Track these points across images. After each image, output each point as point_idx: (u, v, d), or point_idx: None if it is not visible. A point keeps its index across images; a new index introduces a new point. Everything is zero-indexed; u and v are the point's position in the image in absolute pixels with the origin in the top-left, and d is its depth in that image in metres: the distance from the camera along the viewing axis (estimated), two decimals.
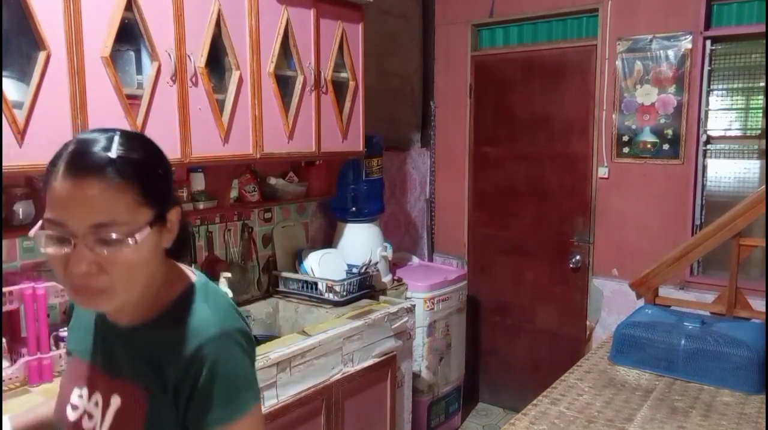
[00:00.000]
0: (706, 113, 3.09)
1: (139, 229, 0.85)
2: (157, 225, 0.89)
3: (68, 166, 0.84)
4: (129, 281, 0.88)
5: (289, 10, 2.51)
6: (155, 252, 0.92)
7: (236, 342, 0.94)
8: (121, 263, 0.85)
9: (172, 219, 0.94)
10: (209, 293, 1.00)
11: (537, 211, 3.65)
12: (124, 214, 0.84)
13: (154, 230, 0.89)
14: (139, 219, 0.86)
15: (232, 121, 2.34)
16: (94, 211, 0.83)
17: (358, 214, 3.19)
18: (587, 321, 3.52)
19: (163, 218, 0.92)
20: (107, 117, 1.93)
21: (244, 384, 0.93)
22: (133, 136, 0.92)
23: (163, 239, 0.93)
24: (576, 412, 2.13)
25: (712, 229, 2.75)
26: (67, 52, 1.82)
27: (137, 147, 0.90)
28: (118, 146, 0.87)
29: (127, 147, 0.87)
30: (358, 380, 2.51)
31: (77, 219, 0.82)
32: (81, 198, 0.82)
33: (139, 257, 0.87)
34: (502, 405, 3.91)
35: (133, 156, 0.87)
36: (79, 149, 0.86)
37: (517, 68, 3.64)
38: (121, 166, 0.85)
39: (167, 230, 0.93)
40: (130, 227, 0.85)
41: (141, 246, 0.86)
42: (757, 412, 2.12)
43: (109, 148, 0.86)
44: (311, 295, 2.85)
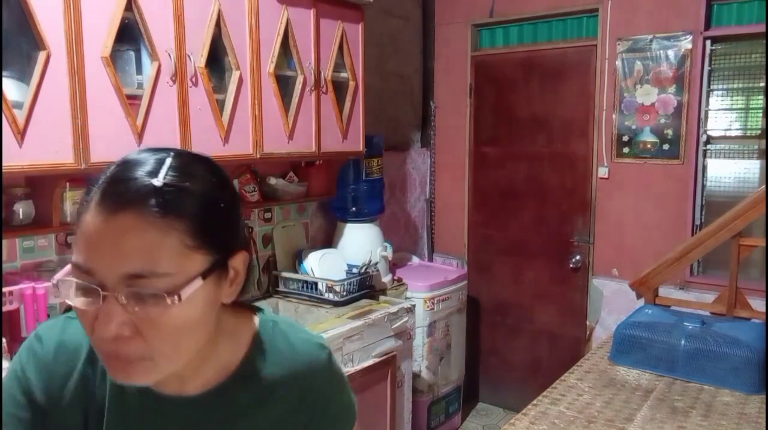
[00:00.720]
0: (706, 113, 3.09)
1: (186, 282, 0.66)
2: (214, 276, 0.70)
3: (102, 197, 0.65)
4: (173, 349, 0.68)
5: (289, 10, 2.51)
6: (211, 309, 0.72)
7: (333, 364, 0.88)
8: (161, 325, 0.66)
9: (237, 267, 0.73)
10: (282, 322, 0.86)
11: (537, 211, 3.65)
12: (167, 261, 0.65)
13: (209, 282, 0.69)
14: (188, 268, 0.66)
15: (232, 121, 2.34)
16: (128, 257, 0.64)
17: (358, 214, 3.19)
18: (587, 321, 3.52)
19: (224, 266, 0.71)
20: (107, 117, 1.94)
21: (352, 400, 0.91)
22: (193, 160, 0.73)
23: (223, 292, 0.73)
24: (576, 412, 2.13)
25: (712, 229, 2.75)
26: (67, 52, 1.82)
27: (194, 173, 0.70)
28: (168, 171, 0.67)
29: (180, 173, 0.68)
30: (358, 380, 2.51)
31: (107, 266, 0.64)
32: (112, 239, 0.64)
33: (186, 318, 0.67)
34: (502, 405, 3.91)
35: (185, 185, 0.67)
36: (118, 174, 0.67)
37: (517, 68, 3.64)
38: (168, 197, 0.65)
39: (229, 282, 0.73)
40: (174, 279, 0.65)
41: (189, 304, 0.66)
42: (757, 412, 2.12)
43: (155, 174, 0.66)
44: (311, 295, 2.85)
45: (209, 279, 0.69)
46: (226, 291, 0.73)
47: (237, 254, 0.73)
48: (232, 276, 0.73)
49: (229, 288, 0.73)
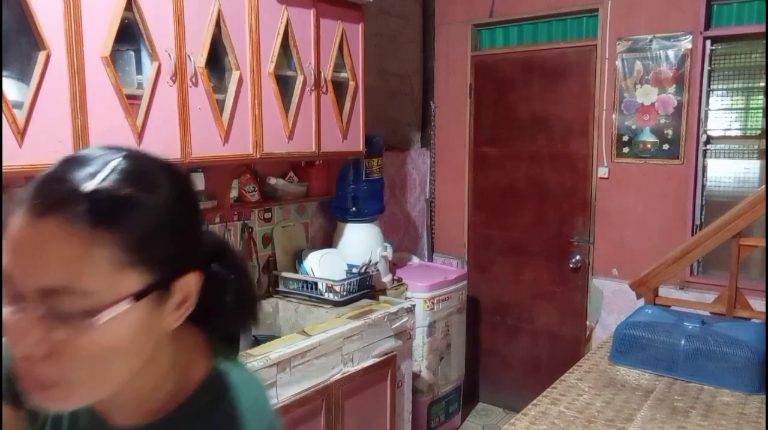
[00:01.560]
0: (706, 113, 3.09)
1: (112, 303, 0.57)
2: (152, 298, 0.61)
3: (31, 197, 0.58)
4: (92, 377, 0.59)
5: (289, 10, 2.51)
6: (147, 335, 0.62)
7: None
8: (79, 349, 0.57)
9: (187, 290, 0.65)
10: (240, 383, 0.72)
11: (537, 211, 3.65)
12: (90, 278, 0.56)
13: (144, 305, 0.60)
14: (117, 288, 0.58)
15: (232, 121, 2.34)
16: (46, 269, 0.56)
17: (358, 214, 3.19)
18: (587, 321, 3.52)
19: (167, 287, 0.63)
20: (107, 117, 1.94)
21: None
22: (148, 164, 0.64)
23: (165, 318, 0.64)
24: (576, 412, 2.13)
25: (712, 229, 2.76)
26: (67, 52, 1.82)
27: (143, 180, 0.61)
28: (110, 175, 0.59)
29: (124, 178, 0.60)
30: (358, 380, 2.51)
31: (25, 276, 0.56)
32: (33, 246, 0.56)
33: (109, 344, 0.58)
34: (502, 405, 3.91)
35: (125, 192, 0.59)
36: (55, 173, 0.60)
37: (517, 68, 3.64)
38: (99, 205, 0.57)
39: (174, 306, 0.64)
40: (97, 298, 0.57)
41: (114, 328, 0.58)
42: (757, 412, 2.12)
43: (93, 176, 0.58)
44: (311, 295, 2.85)
45: (144, 302, 0.60)
46: (170, 316, 0.64)
47: (187, 274, 0.64)
48: (179, 300, 0.64)
49: (175, 312, 0.64)
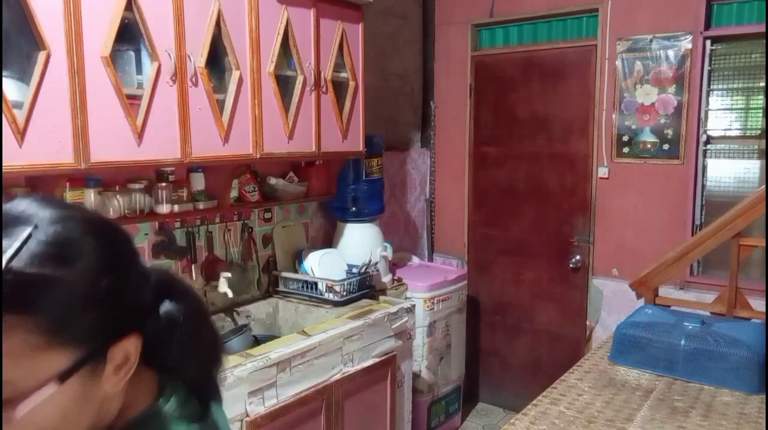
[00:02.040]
0: (706, 113, 3.09)
1: (33, 389, 0.53)
2: (83, 372, 0.56)
3: None
4: None
5: (289, 10, 2.51)
6: (88, 404, 0.59)
7: None
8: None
9: (126, 352, 0.60)
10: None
11: (537, 211, 3.65)
12: (10, 367, 0.52)
13: (75, 381, 0.56)
14: (37, 373, 0.53)
15: (232, 121, 2.34)
16: None
17: (358, 214, 3.19)
18: (587, 321, 3.52)
19: (101, 355, 0.58)
20: (107, 117, 1.94)
21: None
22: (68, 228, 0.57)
23: (103, 385, 0.59)
24: (576, 412, 2.13)
25: (712, 229, 2.76)
26: (67, 52, 1.82)
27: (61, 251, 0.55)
28: (15, 252, 0.53)
29: (39, 251, 0.54)
30: (358, 380, 2.51)
31: None
32: None
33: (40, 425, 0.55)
34: (502, 405, 3.91)
35: (39, 271, 0.53)
36: None
37: (517, 68, 3.64)
38: (9, 290, 0.52)
39: (111, 371, 0.60)
40: (19, 384, 0.53)
41: (40, 412, 0.54)
42: (757, 412, 2.12)
43: (3, 252, 0.53)
44: (311, 295, 2.85)
45: (74, 379, 0.55)
46: (108, 381, 0.60)
47: (123, 339, 0.59)
48: (118, 362, 0.60)
49: (114, 376, 0.60)
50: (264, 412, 2.11)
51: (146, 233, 2.45)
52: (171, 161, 2.15)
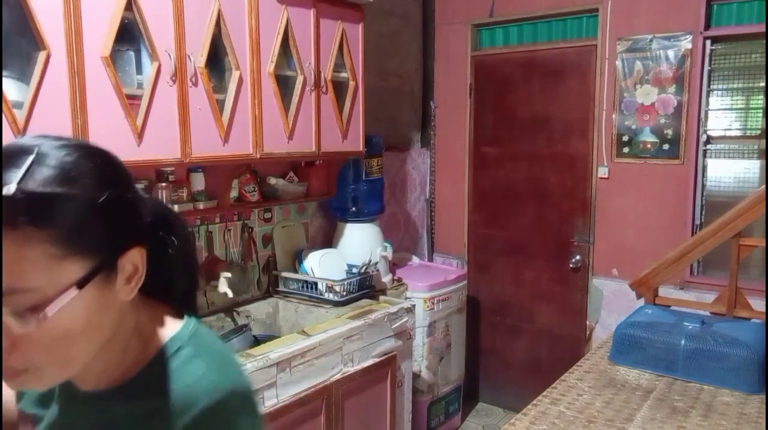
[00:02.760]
0: (706, 113, 3.09)
1: (57, 294, 0.61)
2: (98, 280, 0.65)
3: None
4: (58, 359, 0.65)
5: (289, 10, 2.51)
6: (104, 312, 0.67)
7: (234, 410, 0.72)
8: (37, 339, 0.62)
9: (134, 263, 0.69)
10: (201, 342, 0.76)
11: (537, 211, 3.65)
12: (31, 276, 0.60)
13: (92, 287, 0.64)
14: (59, 279, 0.61)
15: (232, 121, 2.34)
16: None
17: (358, 214, 3.19)
18: (587, 321, 3.52)
19: (112, 265, 0.66)
20: (107, 117, 1.94)
21: None
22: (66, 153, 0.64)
23: (118, 293, 0.68)
24: (576, 412, 2.13)
25: (712, 229, 2.76)
26: (67, 52, 1.82)
27: (64, 171, 0.63)
28: (29, 173, 0.60)
29: (45, 174, 0.61)
30: (358, 380, 2.51)
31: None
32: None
33: (64, 330, 0.63)
34: (502, 405, 3.91)
35: (47, 190, 0.60)
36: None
37: (517, 68, 3.64)
38: (21, 206, 0.59)
39: (125, 280, 0.68)
40: (42, 292, 0.60)
41: (65, 315, 0.62)
42: (757, 412, 2.12)
43: (9, 179, 0.59)
44: (311, 295, 2.85)
45: (91, 285, 0.63)
46: (122, 290, 0.68)
47: (130, 250, 0.68)
48: (128, 273, 0.68)
49: (127, 286, 0.68)
50: (264, 412, 2.11)
51: None
52: (171, 161, 2.15)
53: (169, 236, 0.76)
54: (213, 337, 0.80)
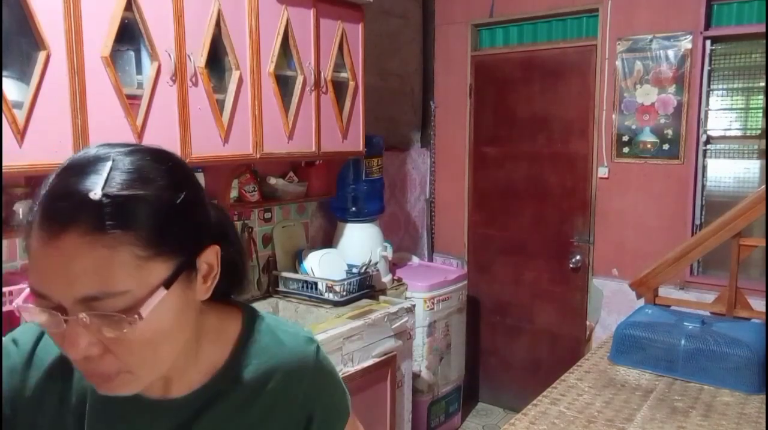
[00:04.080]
0: (706, 113, 3.09)
1: (147, 295, 0.62)
2: (181, 279, 0.66)
3: (42, 218, 0.60)
4: (149, 360, 0.66)
5: (289, 10, 2.51)
6: (186, 312, 0.69)
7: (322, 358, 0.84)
8: (130, 342, 0.63)
9: (209, 262, 0.70)
10: (266, 317, 0.83)
11: (537, 211, 3.65)
12: (122, 279, 0.61)
13: (176, 287, 0.65)
14: (147, 280, 0.62)
15: (232, 121, 2.34)
16: (78, 281, 0.59)
17: (358, 214, 3.19)
18: (587, 321, 3.52)
19: (192, 265, 0.68)
20: (107, 117, 1.94)
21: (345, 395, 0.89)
22: (139, 159, 0.66)
23: (198, 291, 0.70)
24: (576, 412, 2.13)
25: (712, 229, 2.75)
26: (67, 52, 1.82)
27: (140, 176, 0.64)
28: (110, 179, 0.62)
29: (122, 179, 0.62)
30: (358, 380, 2.51)
31: (60, 291, 0.60)
32: (59, 263, 0.59)
33: (155, 331, 0.64)
34: (502, 405, 3.91)
35: (128, 193, 0.62)
36: (56, 189, 0.62)
37: (517, 68, 3.64)
38: (109, 211, 0.60)
39: (202, 279, 0.70)
40: (133, 295, 0.61)
41: (156, 316, 0.63)
42: (757, 412, 2.12)
43: (94, 185, 0.61)
44: (311, 295, 2.85)
45: (176, 285, 0.65)
46: (200, 289, 0.70)
47: (206, 249, 0.69)
48: (205, 272, 0.70)
49: (204, 285, 0.70)
50: None
51: None
52: None
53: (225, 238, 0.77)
54: (276, 317, 0.87)
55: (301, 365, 0.81)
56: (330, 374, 0.86)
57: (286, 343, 0.81)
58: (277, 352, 0.79)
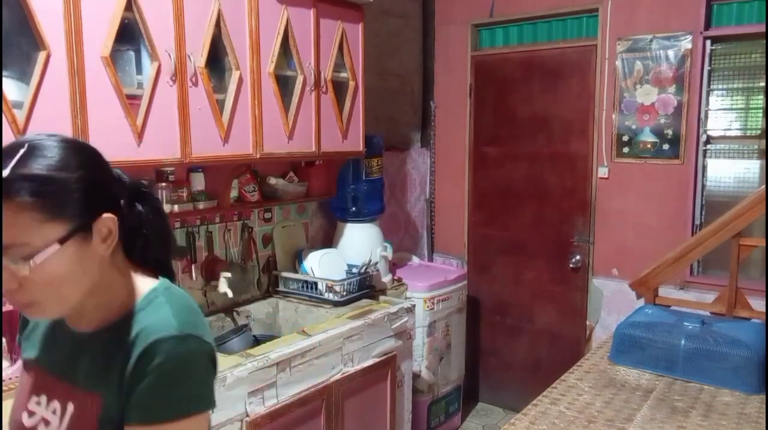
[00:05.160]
0: (706, 113, 3.09)
1: (43, 248, 0.83)
2: (77, 238, 0.86)
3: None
4: (53, 296, 0.88)
5: (289, 10, 2.51)
6: (87, 263, 0.89)
7: (190, 348, 0.91)
8: (34, 280, 0.85)
9: (106, 227, 0.90)
10: (173, 296, 0.97)
11: (537, 211, 3.65)
12: (23, 234, 0.83)
13: (72, 244, 0.86)
14: (46, 236, 0.84)
15: (232, 121, 2.34)
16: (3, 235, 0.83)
17: (358, 214, 3.19)
18: (587, 321, 3.52)
19: (87, 228, 0.88)
20: (107, 117, 1.94)
21: (190, 390, 0.90)
22: (49, 143, 0.87)
23: (96, 249, 0.90)
24: (576, 412, 2.13)
25: (712, 229, 2.75)
26: (67, 52, 1.82)
27: (41, 159, 0.85)
28: (20, 161, 0.84)
29: (27, 162, 0.84)
30: (358, 380, 2.51)
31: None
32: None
33: (53, 274, 0.85)
34: (502, 405, 3.91)
35: (27, 172, 0.83)
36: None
37: (517, 68, 3.64)
38: (14, 185, 0.82)
39: (100, 240, 0.90)
40: (31, 247, 0.83)
41: (53, 263, 0.85)
42: (757, 412, 2.12)
43: (8, 165, 0.84)
44: (311, 295, 2.85)
45: (71, 242, 0.86)
46: (99, 247, 0.90)
47: (102, 216, 0.89)
48: (104, 235, 0.90)
49: (103, 244, 0.90)
50: (264, 412, 2.11)
51: None
52: (171, 161, 2.15)
53: (143, 209, 0.98)
54: (185, 294, 1.01)
55: (151, 346, 0.89)
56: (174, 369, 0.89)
57: (156, 322, 0.92)
58: (145, 326, 0.91)
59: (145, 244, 0.99)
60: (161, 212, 1.03)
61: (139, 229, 0.98)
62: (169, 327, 0.90)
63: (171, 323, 0.91)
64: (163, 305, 0.94)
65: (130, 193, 0.98)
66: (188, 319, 0.94)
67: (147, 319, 0.92)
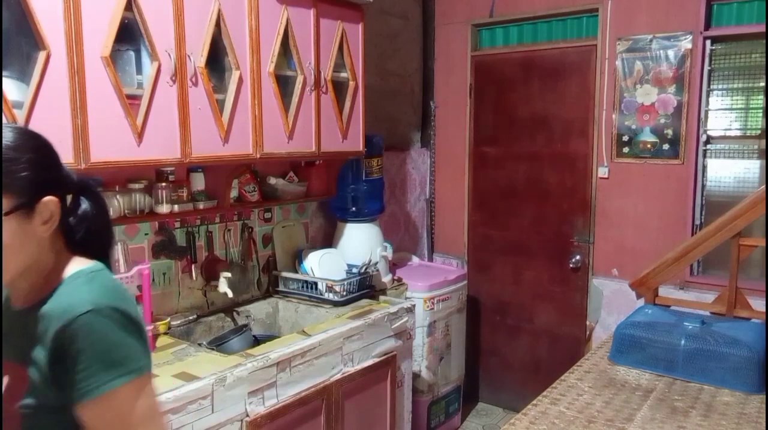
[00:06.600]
0: (706, 113, 3.09)
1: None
2: (20, 214, 0.94)
3: None
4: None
5: (289, 10, 2.51)
6: (26, 242, 0.96)
7: (107, 316, 0.96)
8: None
9: (48, 210, 0.97)
10: (96, 277, 1.02)
11: (537, 211, 3.65)
12: None
13: (14, 218, 0.93)
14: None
15: (232, 121, 2.34)
16: None
17: (358, 214, 3.19)
18: (587, 321, 3.52)
19: (29, 207, 0.95)
20: (107, 117, 1.94)
21: (118, 356, 0.95)
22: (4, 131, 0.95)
23: (36, 229, 0.97)
24: (576, 412, 2.13)
25: (712, 229, 2.76)
26: (67, 52, 1.82)
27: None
28: None
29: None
30: (358, 380, 2.51)
31: None
32: None
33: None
34: (502, 405, 3.91)
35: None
36: None
37: (517, 68, 3.64)
38: None
39: (41, 221, 0.97)
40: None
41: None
42: (757, 412, 2.12)
43: None
44: (311, 295, 2.85)
45: (13, 217, 0.93)
46: (39, 228, 0.97)
47: (44, 198, 0.96)
48: (46, 217, 0.97)
49: (44, 226, 0.97)
50: (264, 412, 2.11)
51: (146, 233, 2.45)
52: (171, 161, 2.15)
53: (88, 204, 1.06)
54: (112, 277, 1.06)
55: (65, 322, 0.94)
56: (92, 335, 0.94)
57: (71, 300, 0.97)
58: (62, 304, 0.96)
59: (86, 235, 1.05)
60: (105, 209, 1.11)
61: (82, 222, 1.05)
62: (83, 303, 0.95)
63: (84, 300, 0.95)
64: (81, 285, 0.99)
65: (78, 188, 1.06)
66: (105, 294, 0.98)
67: (62, 298, 0.97)
